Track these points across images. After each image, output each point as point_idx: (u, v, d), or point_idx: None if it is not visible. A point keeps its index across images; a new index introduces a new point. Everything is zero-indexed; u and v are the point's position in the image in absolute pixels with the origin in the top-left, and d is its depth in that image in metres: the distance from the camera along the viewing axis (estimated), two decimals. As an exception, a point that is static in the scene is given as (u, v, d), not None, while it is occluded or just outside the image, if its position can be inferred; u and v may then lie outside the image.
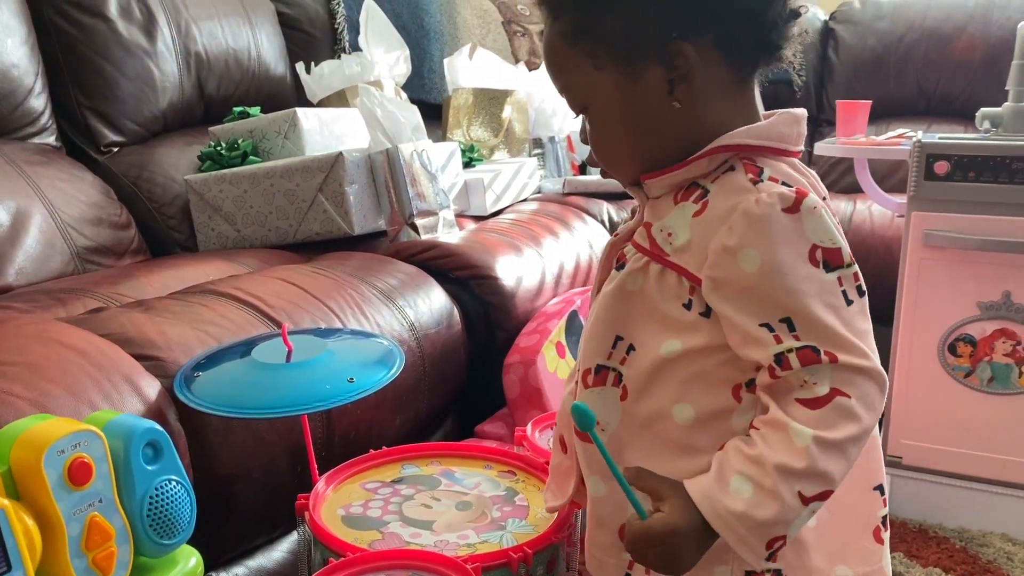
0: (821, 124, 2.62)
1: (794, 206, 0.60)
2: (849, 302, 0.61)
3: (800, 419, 0.59)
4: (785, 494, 0.59)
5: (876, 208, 1.97)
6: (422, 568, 0.73)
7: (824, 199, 0.66)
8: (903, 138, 1.74)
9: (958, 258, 1.43)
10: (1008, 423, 1.45)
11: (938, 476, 1.51)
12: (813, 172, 0.69)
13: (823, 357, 0.59)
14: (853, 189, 2.23)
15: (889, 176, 2.25)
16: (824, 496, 0.60)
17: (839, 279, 0.61)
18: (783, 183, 0.63)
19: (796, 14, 0.67)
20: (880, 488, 0.71)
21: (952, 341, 1.47)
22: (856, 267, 0.63)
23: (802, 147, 0.68)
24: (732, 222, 0.61)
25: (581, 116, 0.71)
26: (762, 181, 0.63)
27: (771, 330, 0.60)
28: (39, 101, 1.55)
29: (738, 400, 0.64)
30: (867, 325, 0.62)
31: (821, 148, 1.82)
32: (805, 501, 0.59)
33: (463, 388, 1.38)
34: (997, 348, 1.44)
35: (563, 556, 0.83)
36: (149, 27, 1.69)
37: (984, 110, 1.50)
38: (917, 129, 2.17)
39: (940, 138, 1.47)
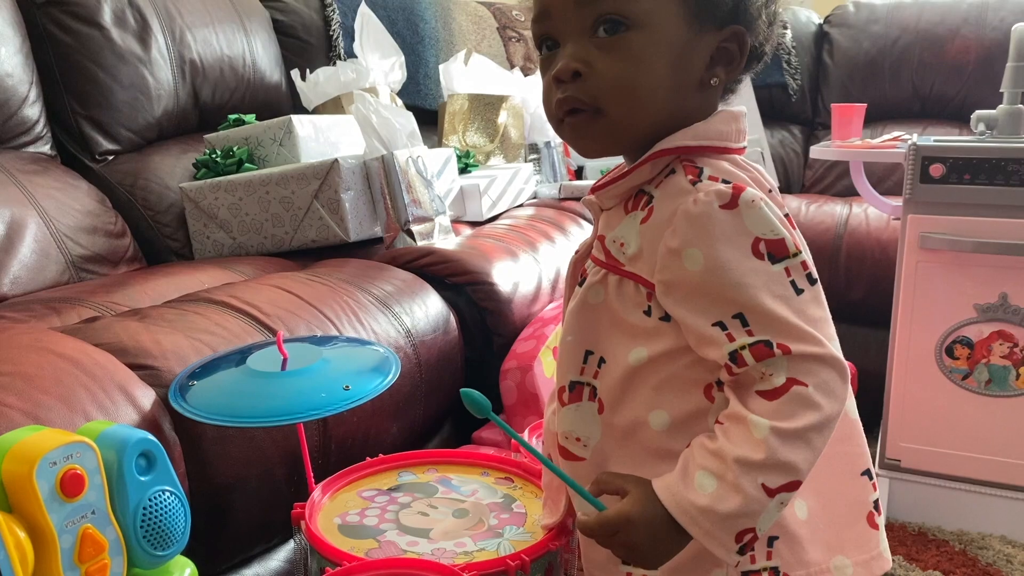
0: (817, 127, 2.63)
1: (732, 202, 0.61)
2: (799, 291, 0.61)
3: (758, 411, 0.59)
4: (747, 486, 0.59)
5: (872, 211, 1.97)
6: (419, 577, 0.72)
7: (770, 191, 0.66)
8: (898, 141, 1.74)
9: (954, 260, 1.43)
10: (1006, 425, 1.45)
11: (937, 479, 1.51)
12: (759, 167, 0.68)
13: (776, 350, 0.60)
14: (849, 192, 2.24)
15: (885, 179, 2.25)
16: (791, 487, 0.60)
17: (786, 269, 0.61)
18: (723, 180, 0.63)
19: (779, 19, 0.68)
20: (868, 473, 0.71)
21: (949, 343, 1.47)
22: (804, 256, 0.62)
23: (744, 143, 0.68)
24: (674, 224, 0.62)
25: (579, 45, 0.63)
26: (701, 181, 0.63)
27: (724, 328, 0.61)
28: (34, 110, 1.54)
29: (711, 400, 0.65)
30: (821, 312, 0.63)
31: (816, 152, 1.82)
32: (770, 493, 0.59)
33: (460, 394, 1.38)
34: (994, 350, 1.44)
35: (561, 563, 0.83)
36: (143, 35, 1.68)
37: (979, 112, 1.51)
38: (912, 131, 2.18)
39: (935, 141, 1.47)
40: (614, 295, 0.66)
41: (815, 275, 0.63)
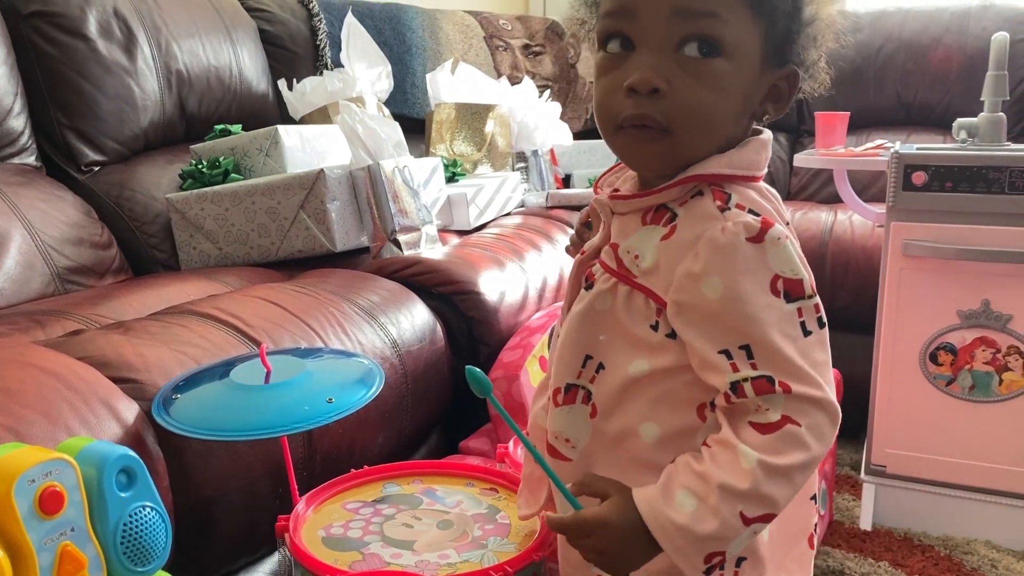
0: (801, 135, 2.64)
1: (759, 236, 0.61)
2: (807, 333, 0.62)
3: (749, 442, 0.61)
4: (726, 512, 0.60)
5: (856, 218, 1.99)
6: (402, 590, 0.72)
7: (787, 224, 0.67)
8: (881, 149, 1.76)
9: (937, 267, 1.44)
10: (990, 430, 1.46)
11: (922, 484, 1.52)
12: (776, 194, 0.70)
13: (777, 388, 0.61)
14: (833, 199, 2.25)
15: (870, 186, 2.27)
16: (766, 519, 0.61)
17: (799, 310, 0.62)
18: (750, 211, 0.64)
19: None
20: (814, 498, 0.74)
21: (933, 350, 1.48)
22: (817, 299, 0.64)
23: (766, 170, 0.69)
24: (698, 249, 0.62)
25: (660, 59, 0.62)
26: (729, 209, 0.63)
27: (729, 357, 0.62)
28: (18, 121, 1.54)
29: (703, 419, 0.65)
30: (824, 356, 0.64)
31: (801, 160, 1.83)
32: (746, 522, 0.60)
33: (447, 404, 1.38)
34: (977, 356, 1.45)
35: (544, 573, 0.83)
36: (129, 46, 1.68)
37: (960, 120, 1.52)
38: (897, 139, 2.19)
39: (918, 149, 1.48)
40: (622, 305, 0.66)
41: (824, 319, 0.64)
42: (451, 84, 2.14)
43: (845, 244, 1.95)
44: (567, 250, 0.87)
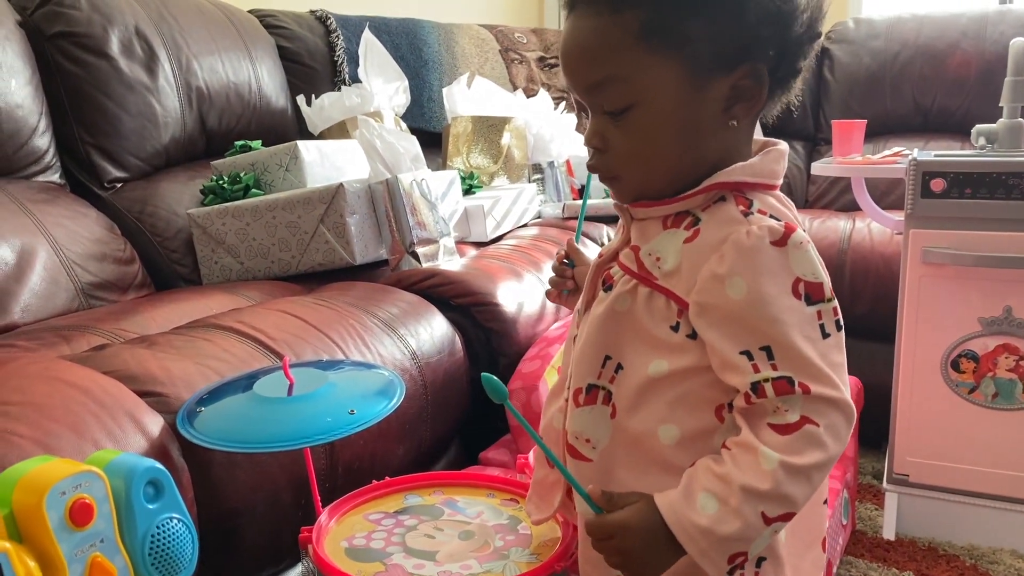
0: (819, 143, 2.64)
1: (782, 240, 0.63)
2: (826, 335, 0.64)
3: (769, 443, 0.62)
4: (748, 513, 0.61)
5: (875, 225, 1.98)
6: (425, 600, 0.73)
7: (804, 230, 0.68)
8: (899, 156, 1.75)
9: (957, 274, 1.44)
10: (1014, 438, 1.45)
11: (946, 493, 1.51)
12: (791, 202, 0.71)
13: (797, 388, 0.62)
14: (852, 207, 2.24)
15: (888, 193, 2.26)
16: (786, 518, 0.63)
17: (819, 312, 0.64)
18: (771, 216, 0.65)
19: (817, 35, 0.69)
20: (826, 501, 0.75)
21: (955, 357, 1.47)
22: (836, 302, 0.65)
23: (782, 179, 0.70)
24: (723, 251, 0.63)
25: (597, 120, 0.68)
26: (752, 213, 0.65)
27: (750, 358, 0.63)
28: (43, 140, 1.57)
29: (720, 420, 0.66)
30: (841, 358, 0.65)
31: (818, 168, 1.83)
32: (767, 521, 0.62)
33: (466, 415, 1.39)
34: (1000, 364, 1.44)
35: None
36: (151, 64, 1.71)
37: (979, 127, 1.51)
38: (915, 146, 2.19)
39: (936, 156, 1.48)
40: (643, 307, 0.67)
41: (842, 322, 0.65)
42: (467, 97, 2.15)
43: (864, 252, 1.94)
44: (547, 294, 0.89)
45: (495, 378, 0.65)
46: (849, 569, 1.44)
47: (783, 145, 0.71)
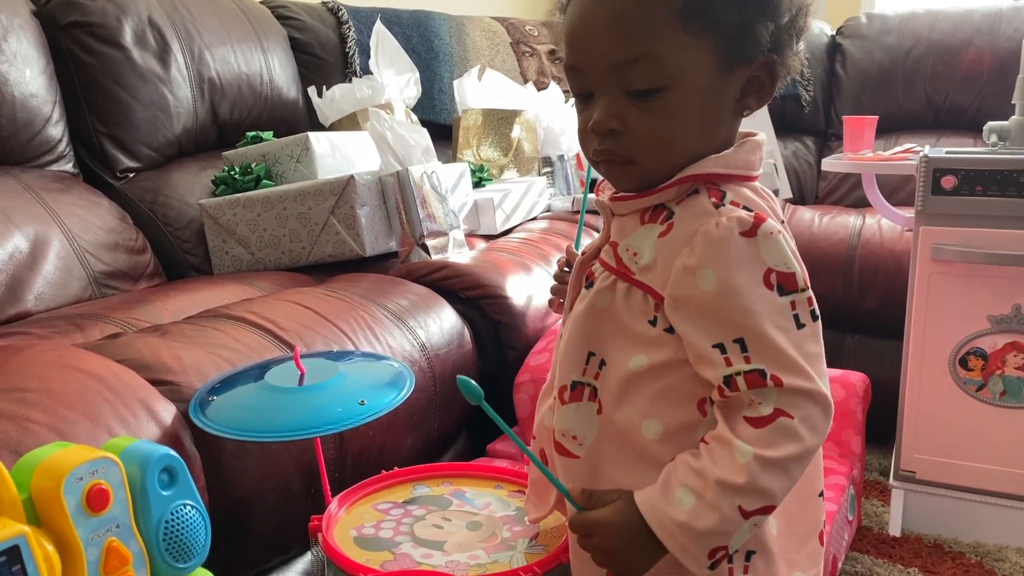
0: (830, 139, 2.63)
1: (752, 230, 0.63)
2: (801, 326, 0.64)
3: (744, 437, 0.62)
4: (725, 507, 0.61)
5: (885, 222, 1.97)
6: (433, 589, 0.73)
7: (782, 222, 0.68)
8: (910, 153, 1.75)
9: (967, 272, 1.43)
10: (1022, 437, 1.45)
11: (952, 490, 1.51)
12: (772, 194, 0.71)
13: (769, 381, 0.62)
14: (862, 203, 2.24)
15: (899, 190, 2.25)
16: (765, 511, 0.62)
17: (792, 303, 0.63)
18: (744, 207, 0.65)
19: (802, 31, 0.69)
20: (822, 494, 0.75)
21: (963, 355, 1.46)
22: (810, 292, 0.65)
23: (760, 170, 0.70)
24: (693, 244, 0.63)
25: (615, 100, 0.64)
26: (724, 205, 0.65)
27: (723, 351, 0.63)
28: (57, 129, 1.58)
29: (703, 414, 0.67)
30: (817, 349, 0.65)
31: (828, 164, 1.83)
32: (745, 515, 0.62)
33: (475, 407, 1.39)
34: (1009, 361, 1.44)
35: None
36: (163, 54, 1.72)
37: (991, 124, 1.51)
38: (926, 142, 2.18)
39: (947, 152, 1.47)
40: (621, 302, 0.68)
41: (818, 312, 0.65)
42: (478, 90, 2.16)
43: (874, 248, 1.93)
44: (550, 303, 0.89)
45: (470, 380, 0.65)
46: (854, 565, 1.45)
47: (760, 136, 0.70)
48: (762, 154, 0.70)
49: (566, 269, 0.87)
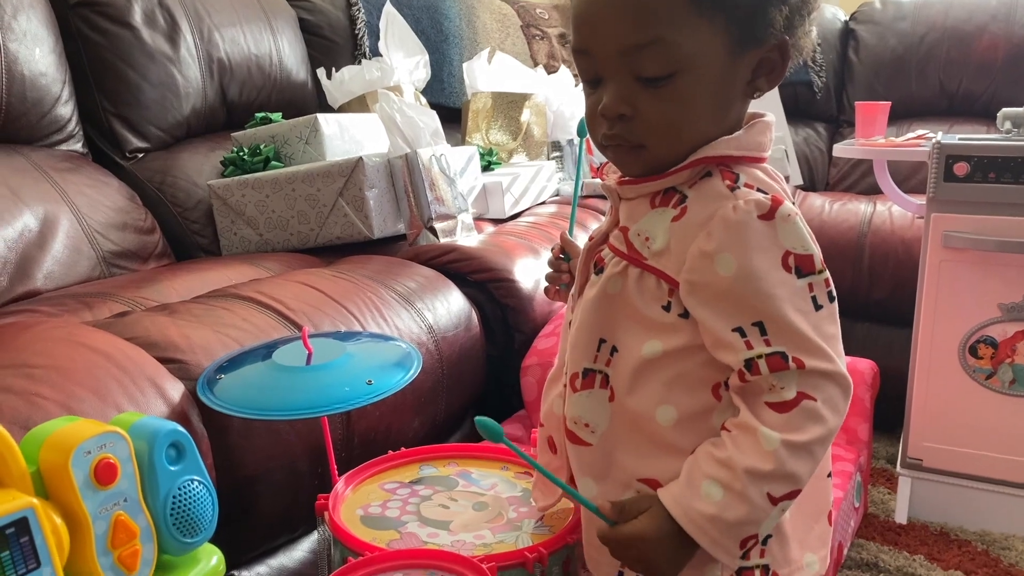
0: (842, 125, 2.61)
1: (769, 213, 0.62)
2: (818, 307, 0.63)
3: (769, 423, 0.61)
4: (754, 496, 0.61)
5: (896, 209, 1.96)
6: (439, 567, 0.74)
7: (793, 203, 0.67)
8: (923, 139, 1.73)
9: (978, 259, 1.42)
10: (1030, 426, 1.44)
11: (959, 479, 1.51)
12: (780, 176, 0.70)
13: (791, 364, 0.61)
14: (874, 190, 2.22)
15: (910, 177, 2.24)
16: (792, 495, 0.62)
17: (810, 285, 0.63)
18: (759, 189, 0.64)
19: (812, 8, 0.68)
20: (830, 474, 0.74)
21: (973, 343, 1.46)
22: (827, 273, 0.64)
23: (769, 152, 0.69)
24: (711, 228, 0.63)
25: (625, 85, 0.63)
26: (739, 188, 0.64)
27: (743, 335, 0.62)
28: (66, 109, 1.58)
29: (718, 399, 0.66)
30: (835, 330, 0.64)
31: (840, 150, 1.81)
32: (774, 501, 0.62)
33: (481, 390, 1.40)
34: (1019, 350, 1.43)
35: (578, 556, 0.84)
36: (172, 34, 1.72)
37: (1005, 111, 1.49)
38: (939, 129, 2.16)
39: (960, 139, 1.46)
40: (634, 287, 0.67)
41: (834, 293, 0.65)
42: (488, 73, 2.15)
43: (884, 235, 1.92)
44: (546, 291, 0.88)
45: (489, 419, 0.64)
46: (860, 552, 1.45)
47: (769, 117, 0.69)
48: (771, 135, 0.69)
49: (560, 256, 0.86)
